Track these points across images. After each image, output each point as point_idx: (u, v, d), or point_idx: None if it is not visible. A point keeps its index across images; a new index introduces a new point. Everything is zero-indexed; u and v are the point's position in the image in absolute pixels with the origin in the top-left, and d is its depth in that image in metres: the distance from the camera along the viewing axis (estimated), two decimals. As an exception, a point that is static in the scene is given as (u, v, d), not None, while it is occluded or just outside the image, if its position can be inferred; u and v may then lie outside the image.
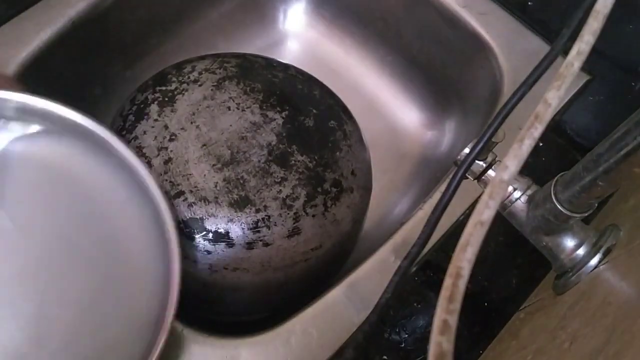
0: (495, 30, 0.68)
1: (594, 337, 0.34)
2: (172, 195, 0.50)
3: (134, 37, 0.73)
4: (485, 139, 0.33)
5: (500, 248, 0.56)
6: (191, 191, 0.50)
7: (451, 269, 0.24)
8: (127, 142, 0.48)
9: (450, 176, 0.34)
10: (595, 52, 0.30)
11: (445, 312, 0.23)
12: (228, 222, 0.49)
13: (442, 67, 0.76)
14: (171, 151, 0.51)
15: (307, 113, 0.55)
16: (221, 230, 0.49)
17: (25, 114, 0.47)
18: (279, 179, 0.51)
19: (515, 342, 0.48)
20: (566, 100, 0.64)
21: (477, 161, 0.42)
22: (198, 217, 0.49)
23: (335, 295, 0.52)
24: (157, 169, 0.51)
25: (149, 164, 0.51)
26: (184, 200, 0.50)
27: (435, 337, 0.22)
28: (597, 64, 0.65)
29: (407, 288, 0.54)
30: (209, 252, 0.50)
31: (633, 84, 0.66)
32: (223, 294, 0.54)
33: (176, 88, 0.54)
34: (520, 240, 0.44)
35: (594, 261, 0.39)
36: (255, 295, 0.55)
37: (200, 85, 0.54)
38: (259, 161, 0.51)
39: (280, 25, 0.83)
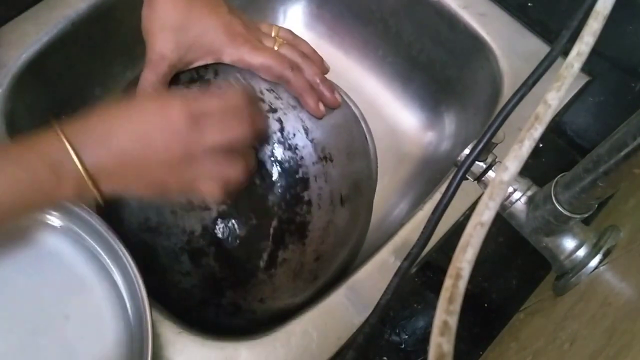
0: (495, 31, 0.68)
1: (594, 338, 0.34)
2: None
3: (134, 37, 0.73)
4: (485, 139, 0.33)
5: (500, 249, 0.56)
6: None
7: (451, 270, 0.24)
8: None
9: (450, 177, 0.34)
10: (595, 53, 0.30)
11: (445, 313, 0.23)
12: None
13: (442, 68, 0.76)
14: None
15: (245, 218, 0.47)
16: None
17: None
18: (184, 272, 0.49)
19: (515, 343, 0.48)
20: (566, 101, 0.64)
21: (477, 162, 0.42)
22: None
23: (335, 296, 0.52)
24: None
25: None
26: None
27: (435, 338, 0.22)
28: (597, 65, 0.65)
29: (407, 289, 0.54)
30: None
31: (633, 84, 0.66)
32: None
33: None
34: (520, 241, 0.44)
35: (594, 262, 0.39)
36: None
37: None
38: (175, 245, 0.48)
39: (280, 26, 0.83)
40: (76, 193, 0.38)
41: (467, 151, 0.40)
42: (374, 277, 0.53)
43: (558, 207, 0.37)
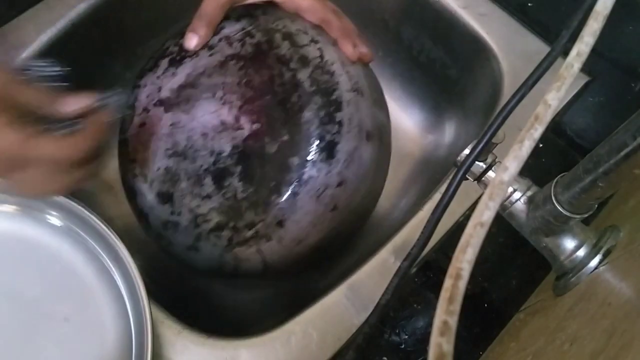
0: (495, 31, 0.68)
1: (594, 339, 0.34)
2: (130, 159, 0.52)
3: (133, 38, 0.73)
4: (485, 140, 0.33)
5: (500, 249, 0.56)
6: (140, 164, 0.51)
7: (451, 270, 0.24)
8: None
9: (450, 177, 0.34)
10: (595, 53, 0.30)
11: (445, 313, 0.23)
12: (150, 207, 0.51)
13: (442, 68, 0.76)
14: (149, 116, 0.51)
15: (276, 136, 0.49)
16: (144, 211, 0.52)
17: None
18: (204, 195, 0.49)
19: (515, 344, 0.48)
20: (566, 101, 0.64)
21: (477, 162, 0.42)
22: (136, 189, 0.52)
23: (335, 296, 0.52)
24: (132, 129, 0.52)
25: (131, 120, 0.52)
26: (132, 168, 0.51)
27: (435, 338, 0.22)
28: (597, 65, 0.66)
29: (407, 289, 0.54)
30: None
31: (633, 85, 0.66)
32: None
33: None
34: (520, 242, 0.44)
35: (593, 262, 0.39)
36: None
37: (210, 55, 0.52)
38: (201, 166, 0.50)
39: None
40: None
41: (467, 151, 0.40)
42: (373, 277, 0.53)
43: (558, 207, 0.37)
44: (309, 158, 0.49)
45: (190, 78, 0.51)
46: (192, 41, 0.51)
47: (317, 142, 0.49)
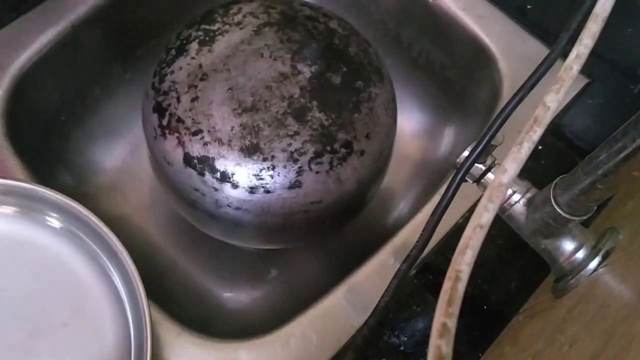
0: (495, 33, 0.68)
1: (593, 341, 0.34)
2: (192, 132, 0.52)
3: (133, 39, 0.73)
4: (484, 142, 0.33)
5: (499, 251, 0.56)
6: (209, 131, 0.52)
7: (450, 272, 0.24)
8: (161, 78, 0.53)
9: (450, 179, 0.34)
10: (594, 55, 0.30)
11: (444, 316, 0.23)
12: (235, 165, 0.52)
13: (441, 70, 0.76)
14: (200, 90, 0.53)
15: (336, 70, 0.55)
16: (228, 172, 0.52)
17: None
18: (292, 133, 0.52)
19: (515, 346, 0.48)
20: (565, 103, 0.64)
21: (476, 164, 0.42)
22: (210, 156, 0.52)
23: (334, 298, 0.52)
24: (184, 105, 0.53)
25: (177, 99, 0.53)
26: (201, 139, 0.52)
27: (434, 341, 0.22)
28: (596, 67, 0.66)
29: (407, 291, 0.54)
30: (215, 189, 0.53)
31: (632, 87, 0.66)
32: (227, 227, 0.57)
33: (218, 28, 0.56)
34: (519, 244, 0.44)
35: (593, 264, 0.39)
36: (256, 232, 0.58)
37: (241, 29, 0.56)
38: (277, 112, 0.52)
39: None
40: None
41: (466, 153, 0.40)
42: (373, 279, 0.53)
43: (557, 209, 0.37)
44: (370, 79, 0.56)
45: (229, 49, 0.55)
46: None
47: (368, 67, 0.57)
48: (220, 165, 0.52)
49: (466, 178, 0.39)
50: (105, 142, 0.74)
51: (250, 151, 0.51)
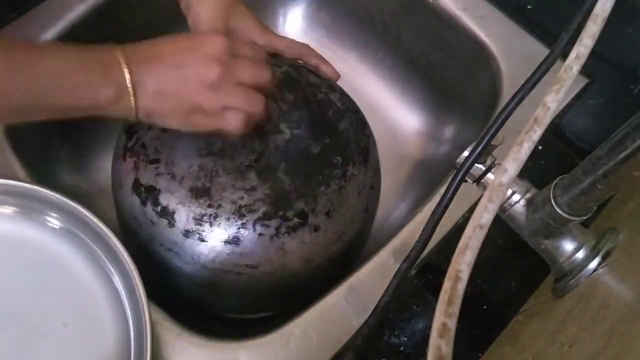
0: (495, 33, 0.68)
1: (593, 340, 0.35)
2: (150, 160, 0.51)
3: (133, 40, 0.73)
4: (484, 142, 0.33)
5: (499, 251, 0.56)
6: (166, 163, 0.51)
7: (450, 272, 0.24)
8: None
9: (450, 179, 0.34)
10: (594, 55, 0.30)
11: (444, 316, 0.23)
12: (179, 203, 0.50)
13: (442, 70, 0.76)
14: None
15: (319, 139, 0.53)
16: (169, 208, 0.50)
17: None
18: (248, 187, 0.50)
19: (515, 346, 0.48)
20: (565, 103, 0.64)
21: (476, 164, 0.42)
22: (158, 187, 0.51)
23: (334, 298, 0.52)
24: (153, 133, 0.52)
25: (149, 126, 0.53)
26: (156, 168, 0.51)
27: (434, 341, 0.22)
28: (596, 67, 0.66)
29: (407, 291, 0.54)
30: (152, 223, 0.51)
31: (632, 87, 0.66)
32: (158, 268, 0.54)
33: None
34: (519, 244, 0.44)
35: (593, 264, 0.39)
36: (185, 284, 0.56)
37: None
38: (241, 163, 0.51)
39: (280, 28, 0.83)
40: (116, 97, 0.42)
41: (466, 153, 0.40)
42: (373, 279, 0.53)
43: (557, 209, 0.37)
44: (350, 159, 0.54)
45: None
46: None
47: (355, 146, 0.55)
48: (164, 199, 0.50)
49: (466, 178, 0.39)
50: (105, 142, 0.74)
51: (198, 194, 0.50)
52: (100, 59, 0.42)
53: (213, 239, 0.50)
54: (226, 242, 0.50)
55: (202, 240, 0.50)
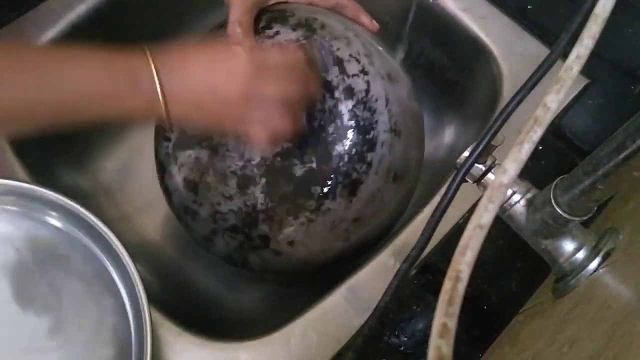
0: (495, 33, 0.68)
1: (593, 341, 0.34)
2: (164, 137, 0.54)
3: (133, 40, 0.73)
4: (484, 142, 0.33)
5: (499, 251, 0.56)
6: (174, 146, 0.53)
7: (450, 273, 0.24)
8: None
9: (450, 179, 0.34)
10: (595, 55, 0.30)
11: (445, 316, 0.23)
12: (174, 189, 0.54)
13: (442, 71, 0.76)
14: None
15: (305, 161, 0.49)
16: (169, 188, 0.55)
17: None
18: (227, 195, 0.51)
19: (515, 346, 0.48)
20: (565, 103, 0.64)
21: (476, 164, 0.42)
22: (165, 166, 0.54)
23: (334, 298, 0.52)
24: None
25: None
26: (166, 147, 0.54)
27: (434, 341, 0.22)
28: (596, 67, 0.66)
29: (407, 291, 0.54)
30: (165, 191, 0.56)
31: (632, 87, 0.66)
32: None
33: None
34: (519, 244, 0.44)
35: (593, 265, 0.39)
36: None
37: None
38: (228, 167, 0.51)
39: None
40: (147, 109, 0.41)
41: (466, 153, 0.40)
42: (373, 279, 0.53)
43: (557, 209, 0.37)
44: (331, 191, 0.49)
45: None
46: None
47: (342, 178, 0.49)
48: (167, 179, 0.55)
49: (466, 178, 0.39)
50: (106, 142, 0.74)
51: (189, 186, 0.52)
52: (130, 68, 0.41)
53: (194, 230, 0.54)
54: (204, 237, 0.53)
55: (187, 227, 0.54)
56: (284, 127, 0.45)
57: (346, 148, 0.49)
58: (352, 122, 0.49)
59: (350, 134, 0.49)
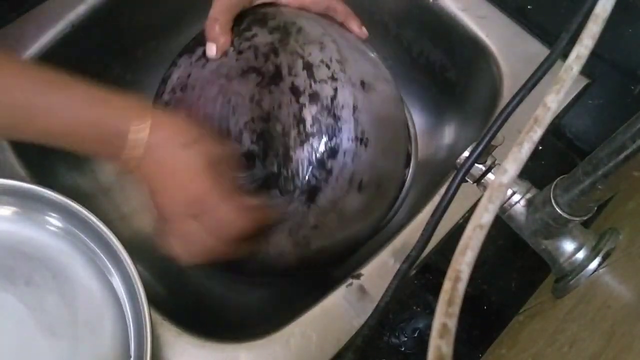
0: (495, 33, 0.68)
1: (593, 341, 0.34)
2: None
3: (133, 40, 0.73)
4: (484, 142, 0.33)
5: (499, 251, 0.56)
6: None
7: (450, 273, 0.24)
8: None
9: (450, 179, 0.34)
10: (595, 55, 0.30)
11: (445, 316, 0.23)
12: None
13: (442, 71, 0.76)
14: (174, 98, 0.54)
15: (266, 164, 0.49)
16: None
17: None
18: None
19: (515, 346, 0.48)
20: (565, 103, 0.64)
21: (476, 164, 0.42)
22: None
23: (334, 298, 0.52)
24: (160, 103, 0.55)
25: (162, 94, 0.55)
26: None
27: (434, 341, 0.22)
28: (596, 67, 0.66)
29: (407, 291, 0.54)
30: None
31: (632, 87, 0.66)
32: None
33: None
34: (519, 244, 0.44)
35: (593, 265, 0.39)
36: None
37: (237, 60, 0.52)
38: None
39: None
40: (122, 165, 0.43)
41: (466, 153, 0.40)
42: (373, 278, 0.53)
43: (557, 209, 0.37)
44: (290, 196, 0.49)
45: (214, 76, 0.52)
46: (212, 50, 0.52)
47: (301, 184, 0.49)
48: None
49: (466, 178, 0.39)
50: (106, 142, 0.74)
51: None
52: (118, 133, 0.42)
53: None
54: None
55: None
56: (204, 254, 0.46)
57: (307, 154, 0.48)
58: (314, 129, 0.48)
59: (311, 140, 0.48)
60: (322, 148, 0.49)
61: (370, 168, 0.51)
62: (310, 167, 0.48)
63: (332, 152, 0.49)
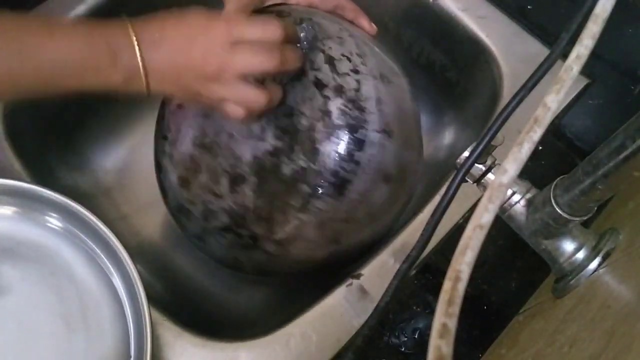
0: (495, 33, 0.68)
1: (593, 341, 0.34)
2: (162, 136, 0.55)
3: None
4: (484, 142, 0.33)
5: (499, 251, 0.56)
6: (170, 144, 0.54)
7: (450, 273, 0.24)
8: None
9: (450, 179, 0.34)
10: (595, 55, 0.30)
11: (445, 316, 0.23)
12: (169, 188, 0.55)
13: (442, 71, 0.76)
14: (177, 110, 0.54)
15: (293, 159, 0.49)
16: (165, 187, 0.56)
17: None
18: (218, 193, 0.51)
19: (515, 346, 0.48)
20: (565, 103, 0.64)
21: (476, 164, 0.42)
22: (162, 165, 0.55)
23: (334, 298, 0.52)
24: (172, 106, 0.55)
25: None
26: (163, 145, 0.55)
27: (434, 341, 0.22)
28: (596, 67, 0.66)
29: (407, 292, 0.54)
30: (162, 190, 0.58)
31: (632, 87, 0.66)
32: None
33: None
34: (519, 244, 0.44)
35: (593, 265, 0.39)
36: None
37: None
38: (220, 164, 0.51)
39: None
40: (126, 81, 0.42)
41: (466, 154, 0.40)
42: (373, 279, 0.53)
43: (557, 209, 0.37)
44: (319, 190, 0.49)
45: None
46: None
47: (330, 177, 0.48)
48: (163, 177, 0.56)
49: (466, 178, 0.39)
50: (105, 142, 0.74)
51: (183, 184, 0.52)
52: (110, 40, 0.42)
53: (188, 229, 0.55)
54: (196, 236, 0.55)
55: (182, 227, 0.55)
56: (259, 103, 0.45)
57: (334, 146, 0.48)
58: (341, 121, 0.48)
59: (338, 132, 0.48)
60: (349, 140, 0.48)
61: (395, 159, 0.51)
62: (339, 160, 0.48)
63: (360, 143, 0.49)
